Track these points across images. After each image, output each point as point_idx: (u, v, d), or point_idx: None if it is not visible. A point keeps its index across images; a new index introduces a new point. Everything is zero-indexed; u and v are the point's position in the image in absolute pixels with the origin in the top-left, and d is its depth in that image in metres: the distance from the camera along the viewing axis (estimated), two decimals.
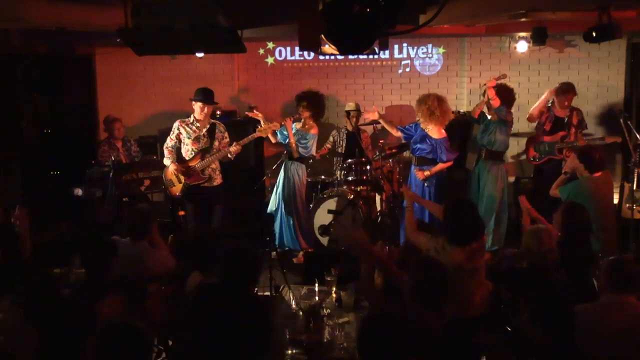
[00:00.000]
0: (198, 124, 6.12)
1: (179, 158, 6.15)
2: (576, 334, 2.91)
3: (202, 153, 6.10)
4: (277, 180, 6.87)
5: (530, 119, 7.28)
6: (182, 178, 6.09)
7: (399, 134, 6.54)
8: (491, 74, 6.89)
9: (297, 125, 6.73)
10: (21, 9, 5.25)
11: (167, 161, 6.15)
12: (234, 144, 6.12)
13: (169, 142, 6.17)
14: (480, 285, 3.86)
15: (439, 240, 3.88)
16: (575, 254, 4.14)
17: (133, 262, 4.21)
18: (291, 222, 6.73)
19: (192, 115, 6.13)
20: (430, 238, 3.95)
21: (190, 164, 6.10)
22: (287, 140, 6.65)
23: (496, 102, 6.40)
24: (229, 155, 6.10)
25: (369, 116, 6.81)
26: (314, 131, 6.74)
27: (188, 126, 6.14)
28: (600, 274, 3.44)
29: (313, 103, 6.74)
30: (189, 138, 6.11)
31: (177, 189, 6.16)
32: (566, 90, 6.89)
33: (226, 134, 6.21)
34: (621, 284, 3.27)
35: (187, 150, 6.13)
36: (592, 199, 4.98)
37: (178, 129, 6.17)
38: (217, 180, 6.21)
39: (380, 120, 6.74)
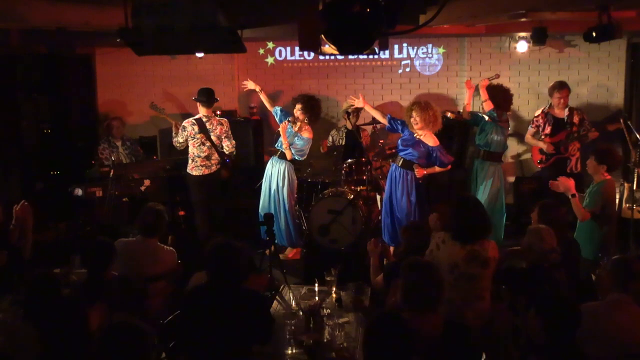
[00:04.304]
0: None
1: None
2: (579, 333, 2.91)
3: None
4: (265, 178, 6.79)
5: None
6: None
7: (385, 120, 6.27)
8: (491, 74, 6.89)
9: (293, 128, 6.63)
10: (21, 9, 5.25)
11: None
12: None
13: None
14: (481, 299, 3.83)
15: (440, 234, 3.89)
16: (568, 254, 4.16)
17: (141, 258, 4.30)
18: (280, 219, 6.68)
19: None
20: (434, 235, 3.95)
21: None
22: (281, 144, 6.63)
23: (488, 105, 6.38)
24: None
25: (354, 103, 6.54)
26: (308, 135, 6.60)
27: None
28: (602, 273, 3.43)
29: (307, 106, 6.58)
30: None
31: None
32: (559, 87, 6.86)
33: None
34: (628, 283, 3.30)
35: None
36: (614, 202, 5.14)
37: None
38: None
39: (367, 108, 6.44)
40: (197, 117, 6.55)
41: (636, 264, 3.38)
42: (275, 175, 6.66)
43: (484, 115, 6.59)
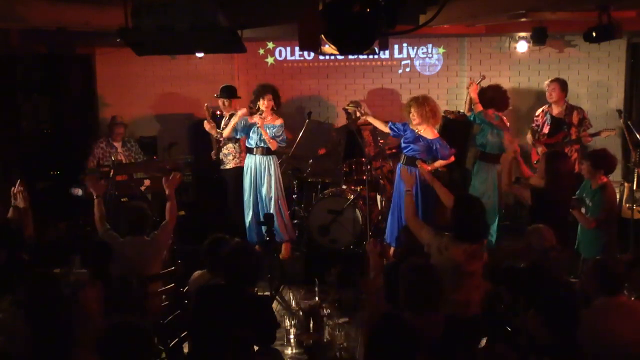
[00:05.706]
0: None
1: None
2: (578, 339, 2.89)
3: None
4: (247, 176, 6.68)
5: None
6: None
7: (387, 129, 6.29)
8: (491, 74, 6.88)
9: (267, 120, 6.55)
10: (21, 9, 5.24)
11: None
12: None
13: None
14: (478, 288, 3.87)
15: (443, 239, 3.88)
16: None
17: (136, 258, 4.30)
18: (275, 215, 6.60)
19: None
20: (435, 235, 3.94)
21: None
22: (261, 137, 6.53)
23: (478, 107, 6.36)
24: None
25: (360, 117, 6.63)
26: (280, 121, 6.56)
27: None
28: (585, 277, 3.39)
29: (275, 94, 6.60)
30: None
31: None
32: (550, 82, 6.83)
33: None
34: (612, 286, 3.26)
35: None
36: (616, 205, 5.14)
37: None
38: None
39: (369, 119, 6.48)
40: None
41: (614, 266, 3.33)
42: (265, 171, 6.56)
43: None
